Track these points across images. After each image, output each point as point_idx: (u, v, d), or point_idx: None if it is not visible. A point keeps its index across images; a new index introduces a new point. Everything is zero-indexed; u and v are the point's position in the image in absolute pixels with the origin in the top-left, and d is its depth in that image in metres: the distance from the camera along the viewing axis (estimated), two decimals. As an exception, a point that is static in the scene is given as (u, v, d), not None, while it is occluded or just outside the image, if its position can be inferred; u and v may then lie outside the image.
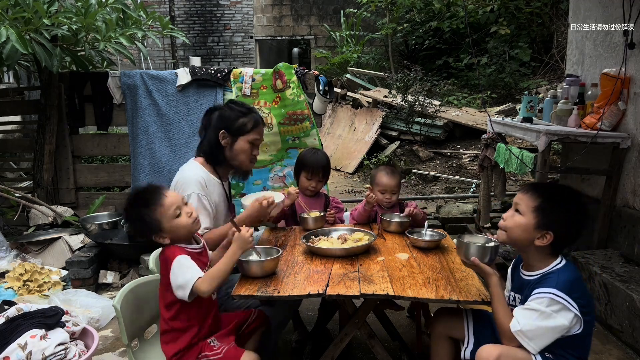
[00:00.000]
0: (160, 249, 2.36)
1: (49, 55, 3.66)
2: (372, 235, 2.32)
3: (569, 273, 1.69)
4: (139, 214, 1.85)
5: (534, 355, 1.64)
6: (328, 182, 2.98)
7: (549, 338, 1.62)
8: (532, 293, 1.67)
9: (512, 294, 1.85)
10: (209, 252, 2.08)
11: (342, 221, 2.82)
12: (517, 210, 1.75)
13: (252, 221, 2.32)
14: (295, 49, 15.69)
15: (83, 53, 4.21)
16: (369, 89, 9.65)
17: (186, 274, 1.79)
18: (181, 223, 1.87)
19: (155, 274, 2.25)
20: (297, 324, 2.85)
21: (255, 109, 2.53)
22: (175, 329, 1.88)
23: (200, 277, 1.78)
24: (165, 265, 1.85)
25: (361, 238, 2.31)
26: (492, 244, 1.89)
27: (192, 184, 2.27)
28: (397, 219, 2.54)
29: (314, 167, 2.68)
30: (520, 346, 1.65)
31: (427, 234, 2.39)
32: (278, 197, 2.49)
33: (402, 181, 6.89)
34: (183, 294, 1.79)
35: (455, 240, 1.96)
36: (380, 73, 10.20)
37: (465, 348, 1.89)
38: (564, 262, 1.73)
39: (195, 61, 11.62)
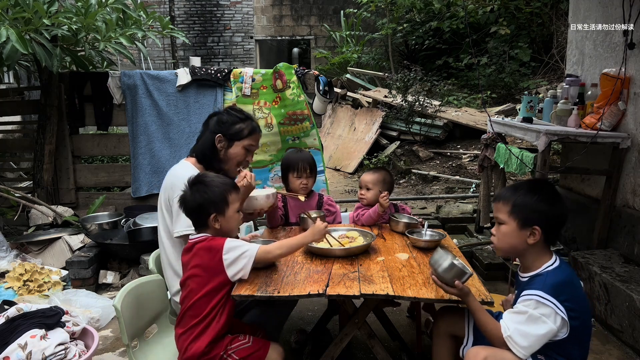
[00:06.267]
0: (156, 251, 2.37)
1: (49, 55, 3.66)
2: (370, 235, 2.32)
3: (558, 275, 1.68)
4: (218, 186, 1.95)
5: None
6: (328, 182, 2.97)
7: (538, 343, 1.62)
8: (521, 295, 1.68)
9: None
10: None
11: (340, 222, 2.82)
12: (499, 223, 1.78)
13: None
14: (295, 49, 15.68)
15: (83, 53, 4.21)
16: (369, 89, 9.64)
17: (243, 246, 1.88)
18: (237, 219, 1.99)
19: (156, 274, 2.25)
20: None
21: (253, 116, 2.53)
22: (202, 321, 1.84)
23: (261, 246, 1.92)
24: (208, 252, 1.87)
25: (356, 237, 2.31)
26: (465, 269, 1.76)
27: None
28: (405, 219, 2.55)
29: (299, 162, 2.69)
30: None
31: (427, 234, 2.40)
32: (268, 191, 2.54)
33: (402, 181, 6.93)
34: (244, 263, 1.86)
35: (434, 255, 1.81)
36: (380, 73, 10.20)
37: (464, 346, 1.89)
38: (557, 263, 1.72)
39: (195, 61, 11.61)
